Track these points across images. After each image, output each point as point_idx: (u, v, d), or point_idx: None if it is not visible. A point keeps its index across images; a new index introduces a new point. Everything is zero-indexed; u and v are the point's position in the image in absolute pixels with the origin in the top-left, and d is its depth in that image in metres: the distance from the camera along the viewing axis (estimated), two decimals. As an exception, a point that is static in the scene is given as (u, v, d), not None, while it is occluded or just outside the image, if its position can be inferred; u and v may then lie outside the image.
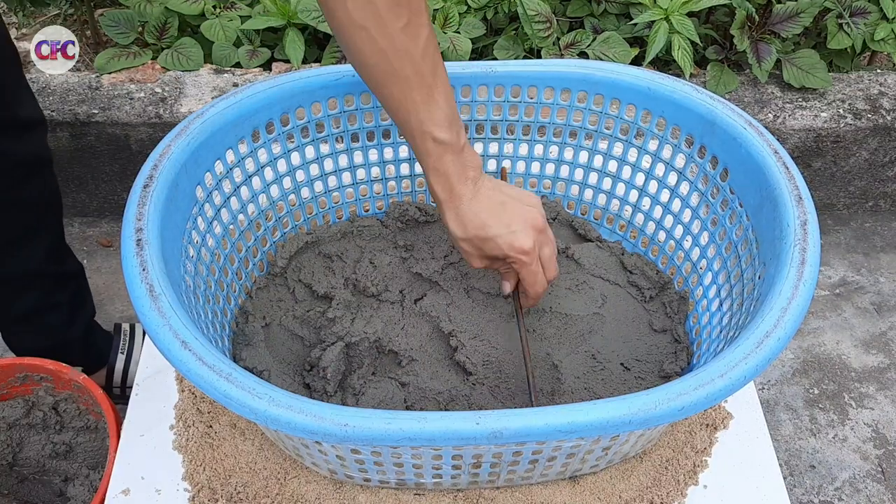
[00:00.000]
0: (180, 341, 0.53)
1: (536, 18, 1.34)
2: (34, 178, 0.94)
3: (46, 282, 1.02)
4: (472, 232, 0.66)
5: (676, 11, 1.32)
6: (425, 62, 0.61)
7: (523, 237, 0.66)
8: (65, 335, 1.08)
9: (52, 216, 1.00)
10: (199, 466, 0.70)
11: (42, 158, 0.95)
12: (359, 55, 0.61)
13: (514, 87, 0.78)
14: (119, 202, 1.46)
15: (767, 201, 0.65)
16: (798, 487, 1.17)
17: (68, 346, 1.09)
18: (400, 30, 0.60)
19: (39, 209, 0.97)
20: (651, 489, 0.69)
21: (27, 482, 1.00)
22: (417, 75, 0.61)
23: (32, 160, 0.93)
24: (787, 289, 0.57)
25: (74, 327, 1.08)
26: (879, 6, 1.43)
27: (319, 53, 1.42)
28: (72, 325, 1.08)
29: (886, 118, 1.39)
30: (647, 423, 0.51)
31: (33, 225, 0.97)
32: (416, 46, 0.61)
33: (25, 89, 0.91)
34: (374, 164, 0.83)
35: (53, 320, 1.06)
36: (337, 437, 0.50)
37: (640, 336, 0.78)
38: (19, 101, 0.89)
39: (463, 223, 0.66)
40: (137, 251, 0.58)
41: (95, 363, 1.13)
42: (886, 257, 1.49)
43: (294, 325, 0.77)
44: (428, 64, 0.62)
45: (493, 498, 0.68)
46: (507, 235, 0.65)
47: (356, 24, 0.59)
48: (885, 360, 1.33)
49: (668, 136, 0.77)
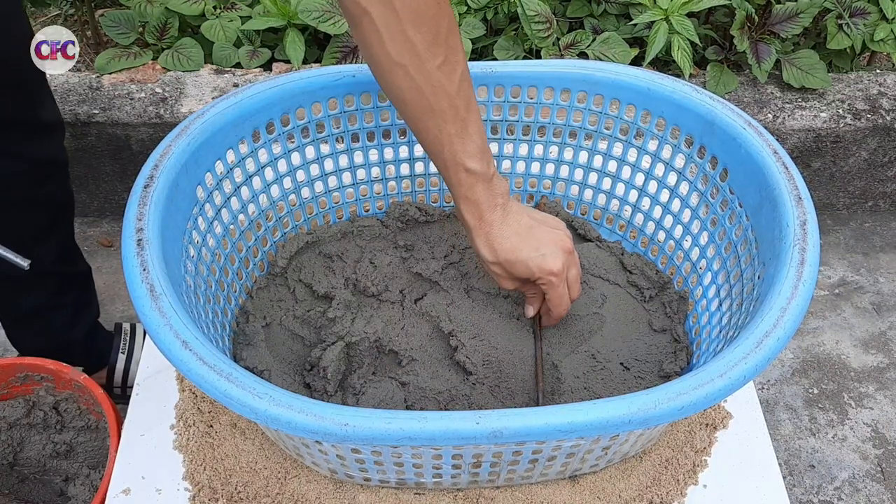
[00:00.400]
0: (181, 341, 0.53)
1: (536, 19, 1.34)
2: (51, 180, 0.94)
3: (54, 282, 1.03)
4: (502, 256, 0.67)
5: (676, 12, 1.32)
6: (460, 97, 0.63)
7: (552, 259, 0.67)
8: (67, 336, 1.08)
9: (64, 217, 1.01)
10: (199, 466, 0.70)
11: (59, 161, 0.96)
12: (396, 91, 0.63)
13: (514, 88, 0.78)
14: (119, 202, 1.46)
15: (767, 201, 0.65)
16: (797, 487, 1.17)
17: (70, 346, 1.09)
18: (437, 67, 0.61)
19: (53, 210, 0.98)
20: (651, 489, 0.69)
21: (28, 482, 1.00)
22: (452, 109, 0.63)
23: (50, 162, 0.94)
24: (786, 289, 0.57)
25: (77, 328, 1.09)
26: (879, 6, 1.43)
27: (320, 53, 1.43)
28: (75, 326, 1.08)
29: (886, 118, 1.40)
30: (646, 422, 0.51)
31: (47, 225, 0.97)
32: (452, 83, 0.62)
33: (47, 91, 0.91)
34: (374, 165, 0.83)
35: (57, 321, 1.06)
36: (337, 437, 0.50)
37: (639, 336, 0.78)
38: (41, 103, 0.89)
39: (493, 248, 0.67)
40: (138, 251, 0.58)
41: (97, 363, 1.13)
42: (886, 257, 1.49)
43: (294, 325, 0.77)
44: (462, 99, 0.63)
45: (493, 497, 0.68)
46: (537, 258, 0.67)
47: (394, 61, 0.60)
48: (885, 359, 1.33)
49: (668, 137, 0.77)
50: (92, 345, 1.12)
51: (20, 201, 0.92)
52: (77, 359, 1.09)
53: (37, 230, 0.96)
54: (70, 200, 1.01)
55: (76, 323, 1.08)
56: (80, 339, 1.09)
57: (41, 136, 0.90)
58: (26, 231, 0.95)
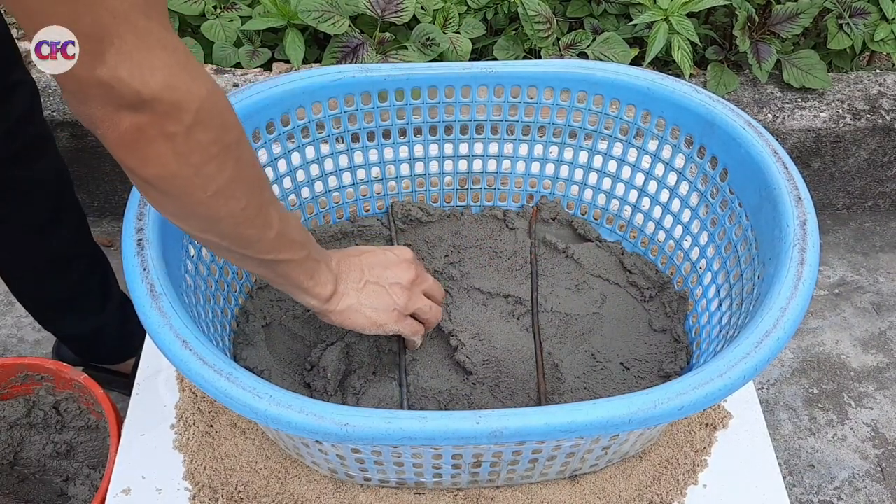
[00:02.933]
0: (181, 341, 0.53)
1: (536, 19, 1.34)
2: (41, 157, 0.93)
3: (76, 267, 1.03)
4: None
5: (676, 12, 1.32)
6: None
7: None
8: (98, 320, 1.08)
9: (68, 199, 1.00)
10: (199, 466, 0.70)
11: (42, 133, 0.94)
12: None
13: (514, 87, 0.78)
14: (120, 202, 1.46)
15: (767, 201, 0.65)
16: (797, 487, 1.17)
17: (103, 330, 1.09)
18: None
19: (54, 191, 0.97)
20: (651, 488, 0.69)
21: (28, 482, 1.00)
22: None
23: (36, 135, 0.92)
24: (786, 288, 0.57)
25: (107, 312, 1.08)
26: (879, 6, 1.43)
27: (320, 53, 1.43)
28: (104, 309, 1.08)
29: (886, 118, 1.40)
30: (646, 422, 0.51)
31: (53, 208, 0.97)
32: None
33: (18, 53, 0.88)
34: (374, 164, 0.83)
35: (86, 305, 1.06)
36: (337, 437, 0.50)
37: (639, 336, 0.78)
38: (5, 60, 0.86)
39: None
40: (138, 251, 0.58)
41: (129, 349, 1.13)
42: (885, 257, 1.49)
43: (294, 325, 0.77)
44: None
45: (493, 497, 0.68)
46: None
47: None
48: (885, 359, 1.33)
49: (668, 137, 0.77)
50: (124, 329, 1.11)
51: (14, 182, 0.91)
52: (111, 342, 1.10)
53: (45, 214, 0.96)
54: (68, 178, 0.99)
55: (105, 307, 1.08)
56: (111, 322, 1.09)
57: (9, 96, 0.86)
58: (38, 216, 0.95)
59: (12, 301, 1.34)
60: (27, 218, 0.94)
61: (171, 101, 0.43)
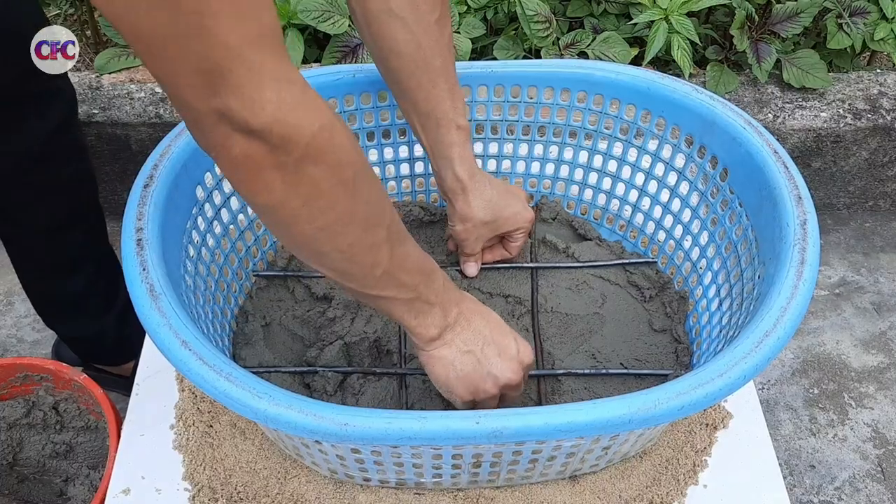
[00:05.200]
0: (180, 341, 0.53)
1: (536, 18, 1.34)
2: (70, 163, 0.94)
3: (84, 269, 1.03)
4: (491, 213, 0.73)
5: (676, 11, 1.32)
6: (451, 55, 0.64)
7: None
8: (100, 323, 1.08)
9: (90, 203, 1.01)
10: (199, 466, 0.70)
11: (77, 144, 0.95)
12: (392, 43, 0.63)
13: (514, 87, 0.78)
14: (119, 202, 1.46)
15: (767, 201, 0.65)
16: (798, 487, 1.17)
17: (103, 333, 1.10)
18: (434, 22, 0.62)
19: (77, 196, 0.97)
20: (651, 489, 0.69)
21: (27, 482, 1.00)
22: (444, 66, 0.64)
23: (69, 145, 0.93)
24: (786, 288, 0.57)
25: (109, 315, 1.09)
26: (879, 6, 1.43)
27: (319, 53, 1.42)
28: (107, 312, 1.08)
29: (886, 118, 1.39)
30: (647, 422, 0.51)
31: (74, 211, 0.97)
32: (444, 38, 0.63)
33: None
34: (374, 165, 0.83)
35: (90, 308, 1.07)
36: (337, 437, 0.50)
37: (639, 336, 0.78)
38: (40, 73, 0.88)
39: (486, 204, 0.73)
40: (138, 251, 0.58)
41: (128, 353, 1.13)
42: (886, 257, 1.49)
43: (294, 325, 0.77)
44: (452, 57, 0.65)
45: (493, 497, 0.68)
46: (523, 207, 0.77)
47: (393, 13, 0.61)
48: (885, 359, 1.33)
49: (668, 136, 0.77)
50: (123, 333, 1.11)
51: (42, 186, 0.91)
52: (109, 346, 1.10)
53: (64, 216, 0.96)
54: (92, 184, 1.00)
55: (108, 310, 1.08)
56: (112, 325, 1.09)
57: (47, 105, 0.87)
58: (58, 216, 0.96)
59: (12, 301, 1.34)
60: (42, 219, 0.95)
61: (281, 134, 0.44)
